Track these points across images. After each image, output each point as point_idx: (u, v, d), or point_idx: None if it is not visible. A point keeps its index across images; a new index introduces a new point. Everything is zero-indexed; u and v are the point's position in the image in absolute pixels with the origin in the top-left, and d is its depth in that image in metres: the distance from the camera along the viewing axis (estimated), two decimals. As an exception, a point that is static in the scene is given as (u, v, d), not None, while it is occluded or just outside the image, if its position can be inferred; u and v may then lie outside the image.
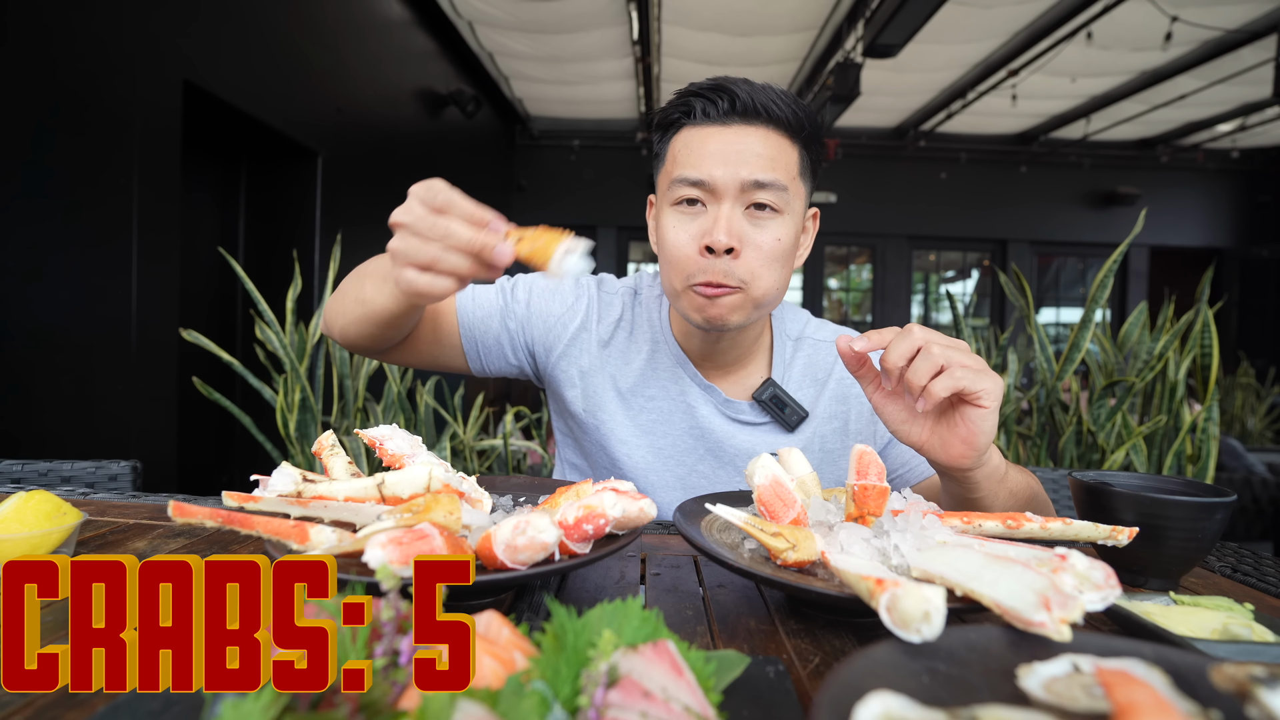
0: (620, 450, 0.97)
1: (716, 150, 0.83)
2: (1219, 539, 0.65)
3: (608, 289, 1.03)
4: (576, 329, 0.99)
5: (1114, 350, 2.12)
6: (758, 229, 0.84)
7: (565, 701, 0.31)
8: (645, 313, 1.02)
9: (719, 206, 0.83)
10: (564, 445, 1.08)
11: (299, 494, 0.60)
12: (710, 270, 0.83)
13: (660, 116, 0.89)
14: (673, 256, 0.86)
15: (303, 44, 3.39)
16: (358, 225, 3.92)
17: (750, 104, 0.82)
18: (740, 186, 0.82)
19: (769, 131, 0.84)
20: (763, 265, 0.84)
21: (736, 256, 0.83)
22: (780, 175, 0.83)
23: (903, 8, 3.69)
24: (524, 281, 1.02)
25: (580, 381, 0.99)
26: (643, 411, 0.98)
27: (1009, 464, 0.77)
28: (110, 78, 2.24)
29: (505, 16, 4.76)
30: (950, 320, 8.41)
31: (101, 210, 2.23)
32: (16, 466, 1.15)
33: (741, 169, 0.82)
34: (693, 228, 0.85)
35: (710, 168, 0.82)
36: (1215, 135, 7.05)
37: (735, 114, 0.83)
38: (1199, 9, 4.35)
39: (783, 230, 0.85)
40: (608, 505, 0.51)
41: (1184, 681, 0.33)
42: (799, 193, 0.87)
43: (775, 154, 0.83)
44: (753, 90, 0.83)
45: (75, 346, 2.17)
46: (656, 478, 0.98)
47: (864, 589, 0.44)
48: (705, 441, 0.97)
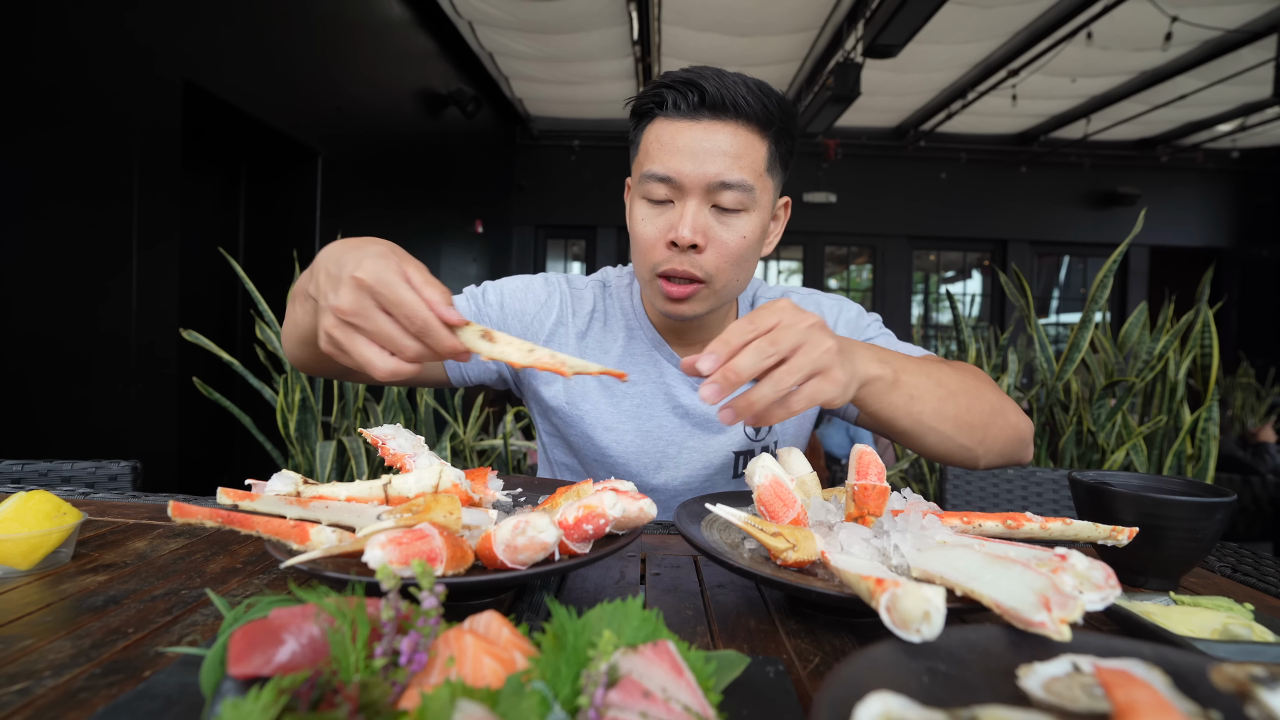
0: (607, 438, 0.99)
1: (685, 146, 0.84)
2: (1219, 539, 0.65)
3: (577, 284, 1.06)
4: (553, 324, 1.01)
5: (1114, 350, 2.12)
6: (724, 226, 0.86)
7: (565, 701, 0.31)
8: (617, 301, 1.05)
9: (685, 203, 0.85)
10: (551, 446, 1.09)
11: (298, 494, 0.60)
12: (675, 260, 0.86)
13: (635, 104, 0.91)
14: (641, 247, 0.90)
15: (303, 44, 3.39)
16: (358, 225, 3.92)
17: (719, 99, 0.83)
18: (706, 185, 0.84)
19: (738, 127, 0.84)
20: (727, 261, 0.87)
21: (701, 251, 0.86)
22: (747, 174, 0.84)
23: (903, 8, 3.69)
24: (493, 286, 1.04)
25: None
26: (625, 397, 1.00)
27: (918, 362, 0.75)
28: (111, 77, 2.24)
29: (505, 16, 4.76)
30: (950, 320, 8.43)
31: (101, 210, 2.23)
32: (16, 466, 1.15)
33: (709, 166, 0.83)
34: (660, 221, 0.87)
35: (678, 164, 0.84)
36: (1215, 135, 7.05)
37: (705, 108, 0.84)
38: (1199, 9, 4.35)
39: (748, 227, 0.87)
40: (608, 505, 0.51)
41: (1184, 681, 0.33)
42: (766, 188, 0.88)
43: (743, 150, 0.84)
44: (722, 84, 0.83)
45: (75, 346, 2.17)
46: (648, 459, 1.00)
47: (864, 589, 0.44)
48: (691, 419, 1.00)
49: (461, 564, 0.48)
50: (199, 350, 2.09)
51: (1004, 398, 0.82)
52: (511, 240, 7.62)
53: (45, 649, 0.46)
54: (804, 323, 0.60)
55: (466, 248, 5.99)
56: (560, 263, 8.07)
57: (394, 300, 0.55)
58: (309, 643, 0.34)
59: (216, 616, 0.52)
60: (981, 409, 0.78)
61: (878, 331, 1.02)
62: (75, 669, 0.43)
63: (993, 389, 0.82)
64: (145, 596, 0.56)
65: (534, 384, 1.02)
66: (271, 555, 0.66)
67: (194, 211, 3.06)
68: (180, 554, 0.67)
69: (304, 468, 2.06)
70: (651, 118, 0.89)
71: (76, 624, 0.50)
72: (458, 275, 5.69)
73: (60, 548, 0.62)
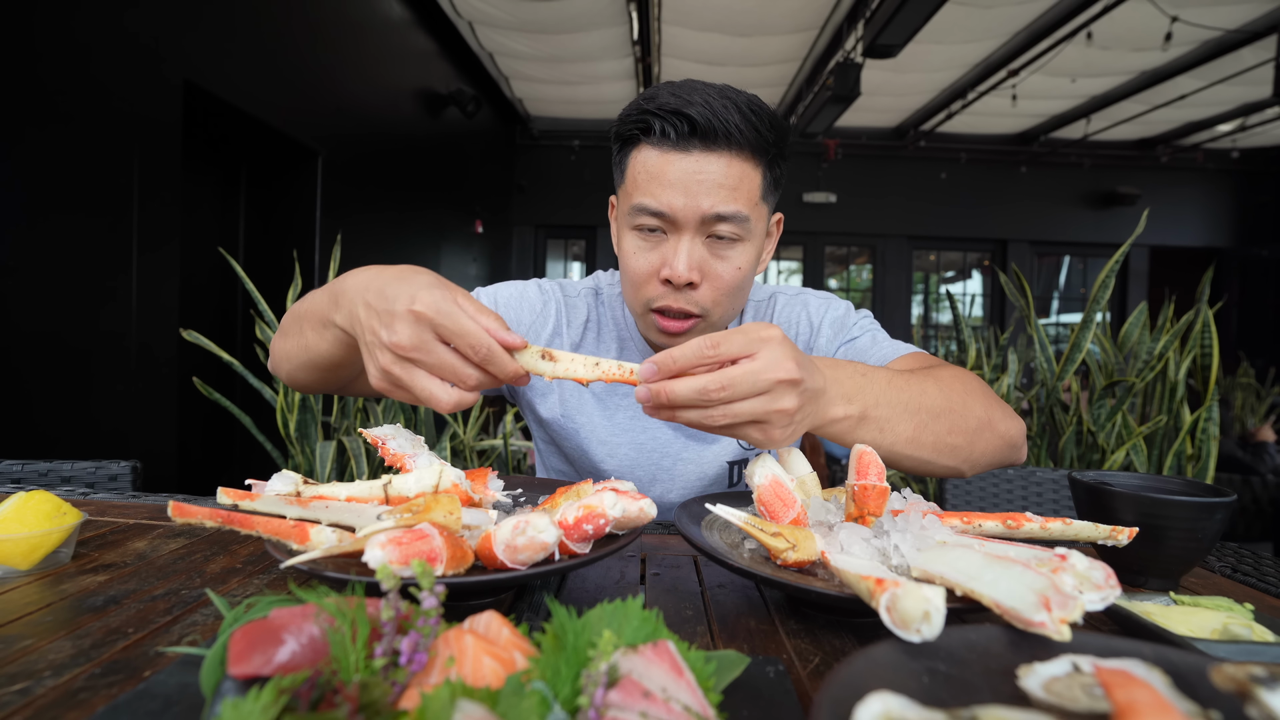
0: (601, 451, 0.98)
1: (676, 180, 0.79)
2: (1219, 539, 0.65)
3: (570, 292, 1.04)
4: (549, 335, 0.99)
5: (1114, 350, 2.12)
6: (719, 259, 0.83)
7: (565, 701, 0.31)
8: (609, 311, 1.03)
9: (679, 238, 0.81)
10: (546, 453, 1.08)
11: (298, 494, 0.60)
12: (670, 297, 0.83)
13: (618, 128, 0.86)
14: (633, 280, 0.86)
15: (303, 44, 3.39)
16: (358, 225, 3.92)
17: (710, 128, 0.78)
18: (700, 219, 0.80)
19: (731, 157, 0.79)
20: (724, 294, 0.85)
21: (696, 288, 0.83)
22: (742, 205, 0.80)
23: (903, 8, 3.69)
24: (485, 292, 1.01)
25: (557, 387, 0.99)
26: (619, 409, 0.99)
27: (896, 388, 0.69)
28: (111, 77, 2.24)
29: (505, 16, 4.76)
30: (950, 320, 8.43)
31: (102, 209, 2.23)
32: (16, 466, 1.15)
33: (703, 200, 0.79)
34: (654, 256, 0.84)
35: (670, 198, 0.80)
36: (1215, 135, 7.06)
37: (695, 137, 0.79)
38: (1199, 9, 4.35)
39: (744, 258, 0.84)
40: (608, 505, 0.51)
41: (1184, 681, 0.33)
42: (761, 215, 0.85)
43: (737, 182, 0.80)
44: (712, 112, 0.78)
45: (75, 346, 2.17)
46: (643, 472, 0.99)
47: (864, 589, 0.44)
48: (684, 430, 0.98)
49: (461, 564, 0.48)
50: (199, 350, 2.09)
51: (993, 406, 0.76)
52: (511, 241, 7.62)
53: (45, 649, 0.46)
54: (772, 375, 0.55)
55: (466, 248, 5.99)
56: (560, 263, 8.07)
57: (456, 330, 0.54)
58: (309, 643, 0.34)
59: (216, 616, 0.52)
60: (965, 427, 0.72)
61: (863, 330, 0.99)
62: (75, 669, 0.43)
63: (981, 400, 0.76)
64: (145, 596, 0.56)
65: (529, 395, 1.01)
66: (271, 555, 0.66)
67: (194, 211, 3.06)
68: (180, 554, 0.67)
69: (304, 468, 2.06)
70: (636, 143, 0.84)
71: (76, 624, 0.50)
72: (458, 276, 5.68)
73: (60, 548, 0.62)
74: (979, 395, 0.76)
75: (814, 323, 1.01)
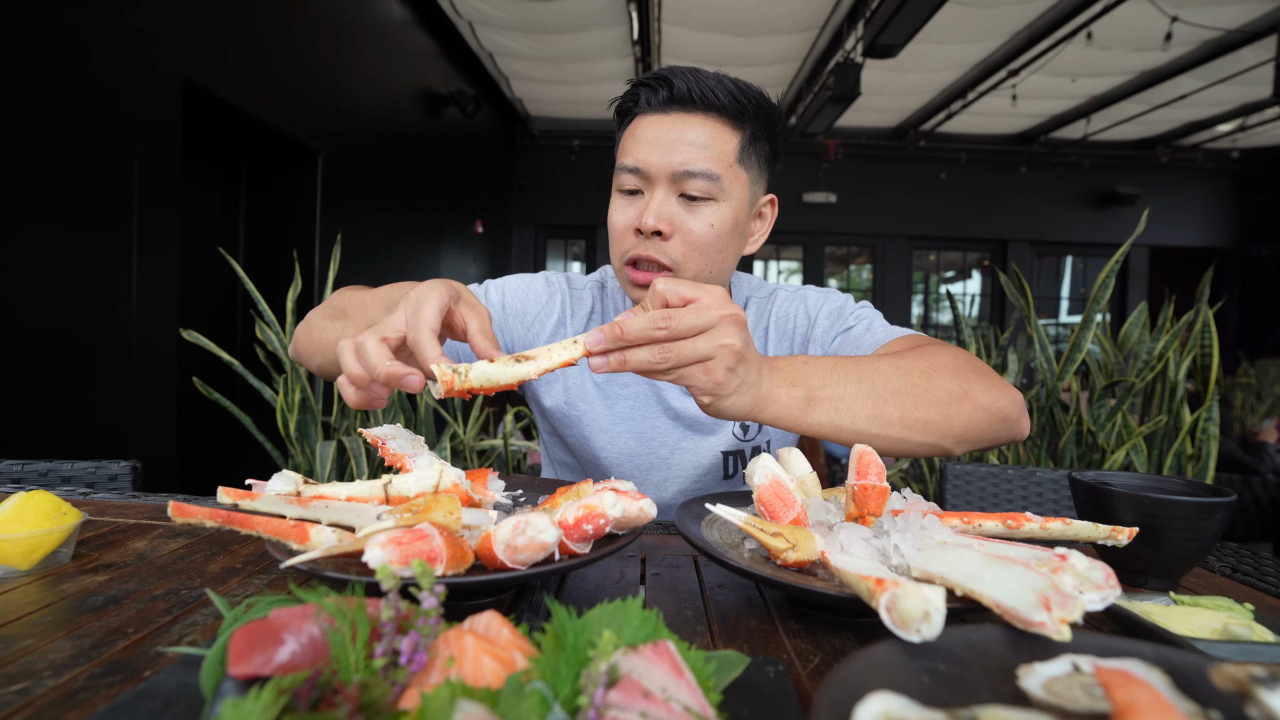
0: (601, 439, 1.01)
1: (653, 138, 0.86)
2: (1219, 539, 0.65)
3: (577, 285, 1.08)
4: (554, 325, 1.03)
5: (1114, 350, 2.12)
6: (691, 215, 0.87)
7: (565, 701, 0.31)
8: (613, 303, 1.06)
9: (652, 192, 0.87)
10: (550, 444, 1.11)
11: (298, 494, 0.60)
12: (641, 246, 0.88)
13: (617, 105, 0.93)
14: (613, 236, 0.93)
15: (303, 44, 3.39)
16: (358, 225, 3.92)
17: (687, 93, 0.85)
18: (672, 174, 0.85)
19: (706, 119, 0.86)
20: (694, 250, 0.88)
21: (667, 239, 0.87)
22: (713, 164, 0.85)
23: (903, 8, 3.69)
24: (494, 285, 1.05)
25: (562, 376, 1.02)
26: (619, 400, 1.01)
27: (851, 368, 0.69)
28: (111, 77, 2.24)
29: (505, 16, 4.76)
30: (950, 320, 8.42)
31: (102, 210, 2.23)
32: (16, 466, 1.15)
33: (674, 156, 0.85)
34: (630, 211, 0.89)
35: (645, 154, 0.86)
36: (1215, 135, 7.06)
37: (675, 102, 0.86)
38: (1199, 9, 4.35)
39: (716, 216, 0.87)
40: (608, 505, 0.51)
41: (1184, 681, 0.33)
42: (738, 179, 0.89)
43: (710, 141, 0.86)
44: (692, 79, 0.85)
45: (75, 346, 2.17)
46: (641, 461, 1.01)
47: (864, 589, 0.44)
48: (682, 421, 1.01)
49: (461, 564, 0.48)
50: (199, 350, 2.09)
51: (970, 379, 0.73)
52: (511, 240, 7.62)
53: (45, 649, 0.46)
54: (716, 311, 0.57)
55: (466, 248, 5.99)
56: (560, 263, 8.07)
57: (390, 325, 0.59)
58: (309, 643, 0.34)
59: (216, 616, 0.52)
60: (935, 400, 0.70)
61: (859, 319, 0.97)
62: (75, 669, 0.43)
63: (953, 374, 0.72)
64: (145, 596, 0.56)
65: (535, 387, 1.04)
66: (271, 555, 0.66)
67: (194, 211, 3.06)
68: (180, 554, 0.67)
69: (304, 468, 2.06)
70: (631, 117, 0.91)
71: (76, 624, 0.50)
72: (458, 275, 5.68)
73: (60, 548, 0.62)
74: (951, 371, 0.73)
75: (811, 315, 1.02)
